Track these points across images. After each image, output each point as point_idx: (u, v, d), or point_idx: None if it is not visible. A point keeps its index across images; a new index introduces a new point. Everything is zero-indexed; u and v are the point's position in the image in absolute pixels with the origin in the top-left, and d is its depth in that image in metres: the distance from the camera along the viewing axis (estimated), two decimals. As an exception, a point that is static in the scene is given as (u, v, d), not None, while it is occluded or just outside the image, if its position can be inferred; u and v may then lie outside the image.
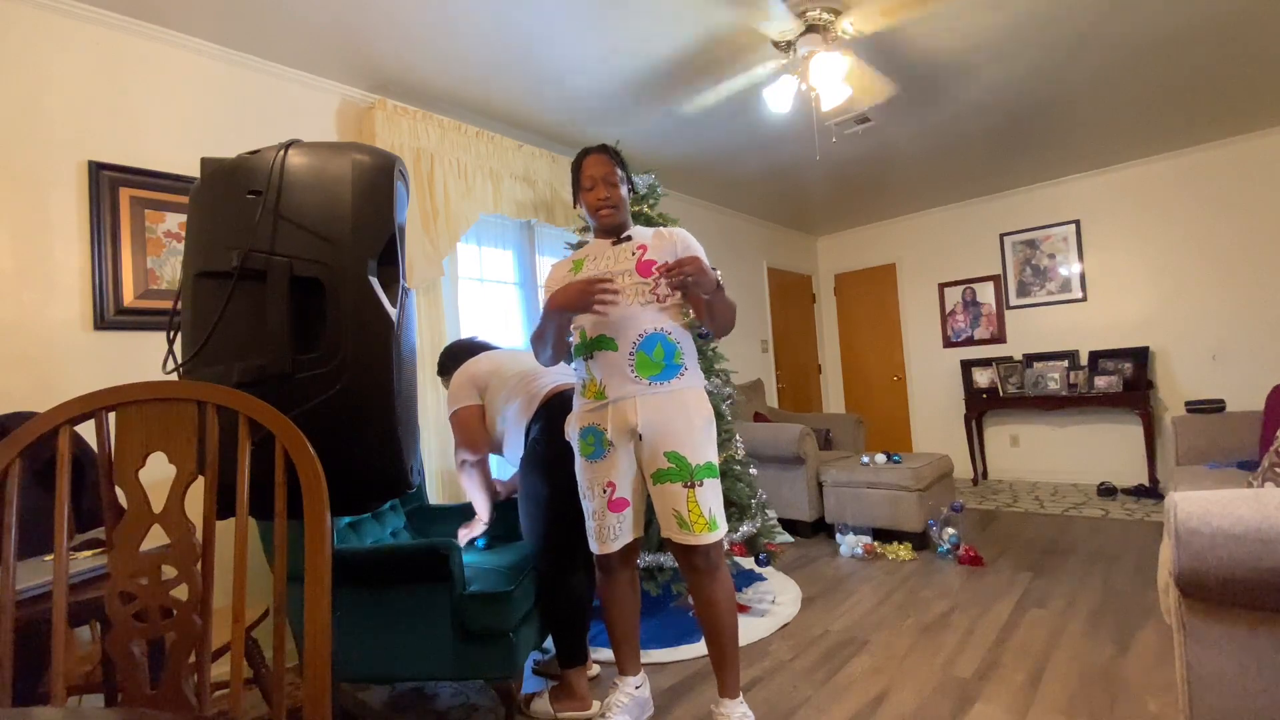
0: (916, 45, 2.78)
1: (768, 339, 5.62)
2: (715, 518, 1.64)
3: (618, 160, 1.77)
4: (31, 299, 2.00)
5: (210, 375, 0.99)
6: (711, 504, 1.64)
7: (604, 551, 1.74)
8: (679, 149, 3.84)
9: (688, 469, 1.62)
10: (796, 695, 1.94)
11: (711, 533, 1.62)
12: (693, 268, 1.52)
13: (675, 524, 1.63)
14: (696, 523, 1.61)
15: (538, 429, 1.97)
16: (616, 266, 1.72)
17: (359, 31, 2.40)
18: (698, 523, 1.61)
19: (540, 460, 1.94)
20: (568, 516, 1.87)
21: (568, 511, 1.86)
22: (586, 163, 1.77)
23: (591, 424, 1.72)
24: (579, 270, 1.78)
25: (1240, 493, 1.10)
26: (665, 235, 1.75)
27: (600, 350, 1.68)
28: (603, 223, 1.77)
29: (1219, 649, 1.10)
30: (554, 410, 1.95)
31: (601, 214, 1.75)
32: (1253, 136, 4.26)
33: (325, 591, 0.77)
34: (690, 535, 1.61)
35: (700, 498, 1.62)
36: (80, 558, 1.32)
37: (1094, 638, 2.20)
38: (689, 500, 1.61)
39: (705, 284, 1.55)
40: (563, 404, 1.94)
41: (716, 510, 1.65)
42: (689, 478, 1.62)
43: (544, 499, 1.92)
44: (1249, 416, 3.10)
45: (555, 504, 1.90)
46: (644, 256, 1.71)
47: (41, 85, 2.05)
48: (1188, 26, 2.79)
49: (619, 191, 1.75)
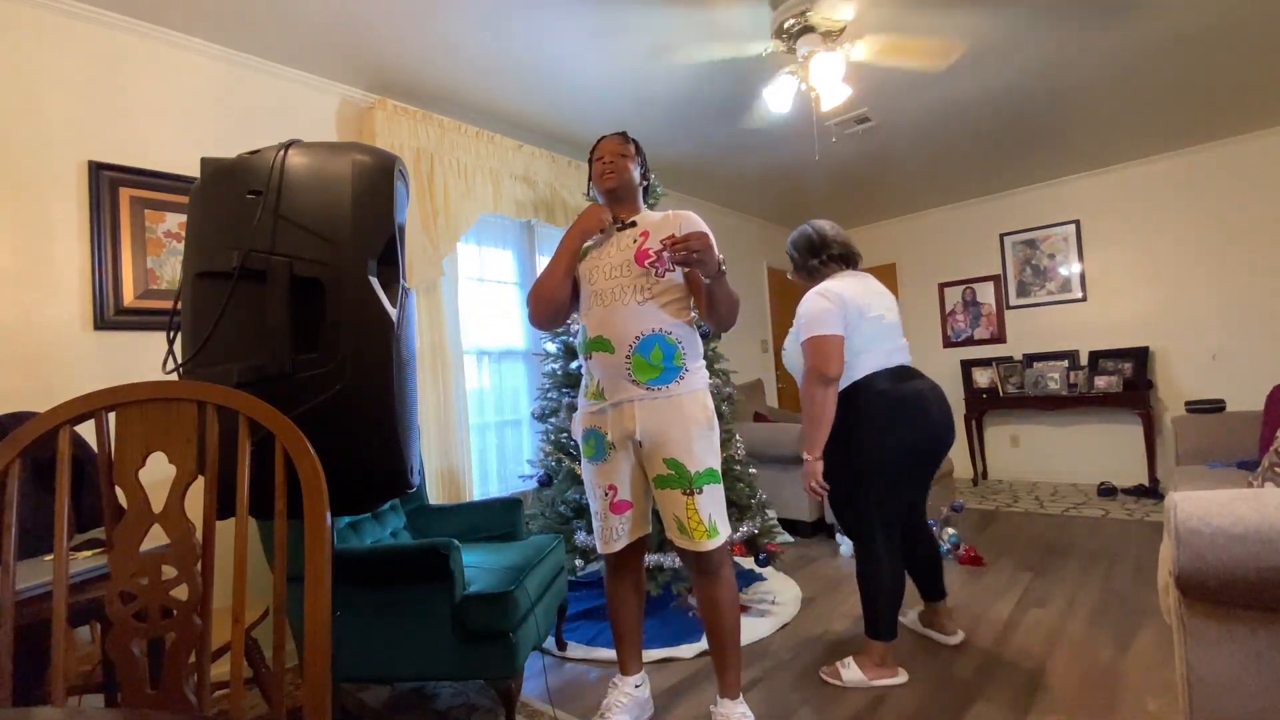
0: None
1: (768, 339, 5.62)
2: (715, 524, 1.62)
3: (634, 143, 1.79)
4: (31, 299, 2.00)
5: (210, 375, 0.99)
6: (712, 510, 1.62)
7: (607, 551, 1.75)
8: (679, 149, 3.84)
9: (687, 477, 1.61)
10: (796, 695, 1.94)
11: (711, 539, 1.61)
12: (699, 243, 1.46)
13: (677, 529, 1.63)
14: (696, 530, 1.61)
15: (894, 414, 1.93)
16: (617, 257, 1.70)
17: (359, 31, 2.40)
18: (697, 530, 1.61)
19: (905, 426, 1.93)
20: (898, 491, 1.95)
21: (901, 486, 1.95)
22: (601, 144, 1.78)
23: (593, 426, 1.72)
24: (583, 259, 1.77)
25: (1240, 493, 1.10)
26: (670, 218, 1.71)
27: (598, 352, 1.66)
28: (604, 184, 1.75)
29: (1219, 649, 1.10)
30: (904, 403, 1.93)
31: (605, 177, 1.74)
32: (1252, 136, 4.26)
33: (325, 591, 0.77)
34: (690, 541, 1.62)
35: (700, 505, 1.61)
36: (80, 558, 1.32)
37: (1094, 638, 2.20)
38: (688, 508, 1.61)
39: (709, 263, 1.49)
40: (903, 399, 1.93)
41: (717, 516, 1.63)
42: (688, 485, 1.61)
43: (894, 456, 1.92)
44: (1249, 416, 3.10)
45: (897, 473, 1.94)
46: (643, 245, 1.67)
47: (41, 85, 2.05)
48: (1188, 27, 2.78)
49: (625, 162, 1.75)
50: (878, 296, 2.04)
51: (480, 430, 3.27)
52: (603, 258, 1.72)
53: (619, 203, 1.78)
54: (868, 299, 2.00)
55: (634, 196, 1.79)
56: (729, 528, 1.67)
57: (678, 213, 1.72)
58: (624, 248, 1.69)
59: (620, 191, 1.76)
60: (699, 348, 1.72)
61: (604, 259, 1.71)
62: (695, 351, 1.70)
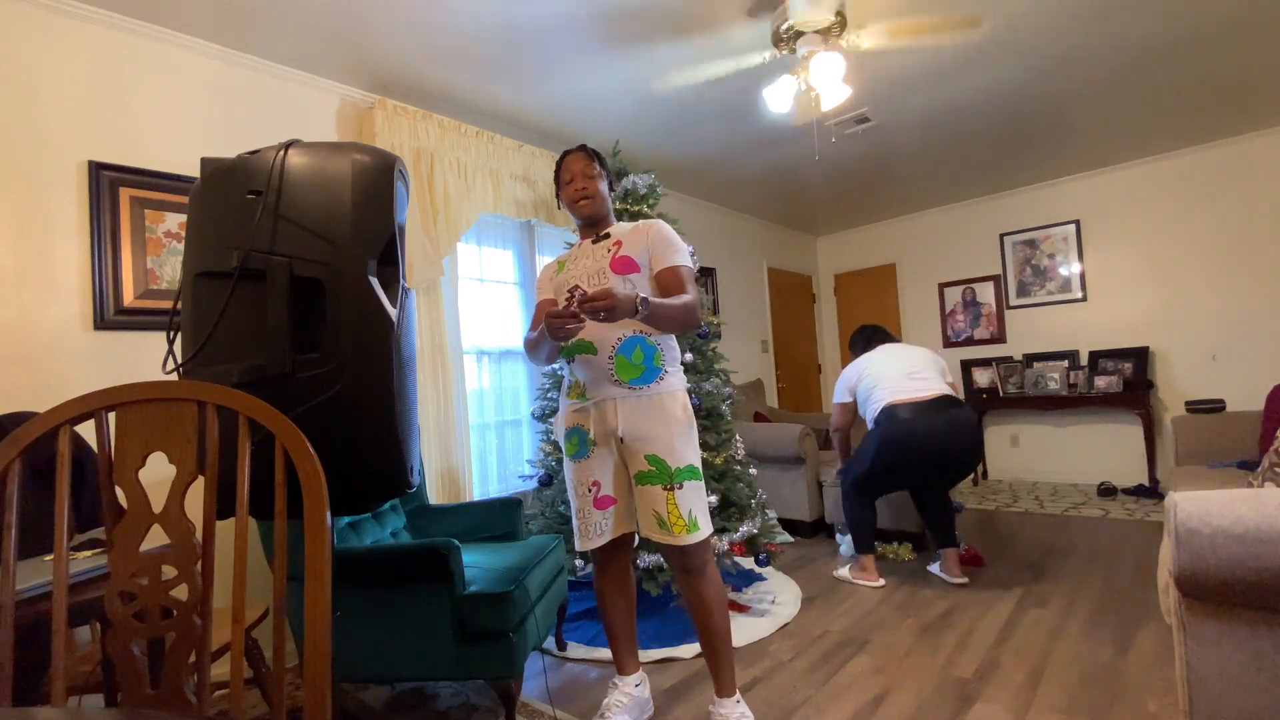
0: (916, 45, 2.78)
1: (768, 339, 5.62)
2: (696, 519, 1.63)
3: (596, 157, 1.81)
4: (31, 299, 2.00)
5: (210, 375, 0.99)
6: (692, 505, 1.64)
7: (586, 547, 1.76)
8: (679, 149, 3.84)
9: (668, 472, 1.63)
10: (796, 695, 1.94)
11: (691, 534, 1.62)
12: (603, 304, 1.42)
13: (655, 525, 1.64)
14: (676, 524, 1.61)
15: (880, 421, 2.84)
16: (593, 265, 1.75)
17: (359, 31, 2.40)
18: (677, 524, 1.61)
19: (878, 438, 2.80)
20: (877, 476, 2.85)
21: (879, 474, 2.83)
22: (566, 162, 1.82)
23: (576, 425, 1.75)
24: (561, 271, 1.83)
25: (1240, 493, 1.10)
26: (640, 229, 1.77)
27: (581, 353, 1.70)
28: (580, 213, 1.80)
29: (1219, 649, 1.10)
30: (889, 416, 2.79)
31: (579, 205, 1.78)
32: (1252, 136, 4.26)
33: (325, 591, 0.77)
34: (670, 536, 1.62)
35: (680, 499, 1.62)
36: (80, 558, 1.32)
37: (1094, 638, 2.20)
38: (669, 502, 1.62)
39: (618, 314, 1.45)
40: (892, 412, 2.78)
41: (698, 511, 1.65)
42: (669, 480, 1.63)
43: (870, 455, 2.82)
44: (1249, 416, 3.10)
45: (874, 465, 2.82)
46: (618, 253, 1.73)
47: (41, 85, 2.05)
48: (1188, 27, 2.79)
49: (595, 184, 1.78)
50: (902, 355, 2.97)
51: (480, 430, 3.27)
52: (579, 267, 1.78)
53: (594, 224, 1.83)
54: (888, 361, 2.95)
55: (607, 211, 1.84)
56: (710, 526, 1.68)
57: (647, 223, 1.78)
58: (599, 258, 1.75)
59: (595, 215, 1.81)
60: (676, 353, 1.78)
61: (580, 268, 1.78)
62: (673, 356, 1.76)
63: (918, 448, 2.71)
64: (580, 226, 1.86)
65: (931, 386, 2.82)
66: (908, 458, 2.74)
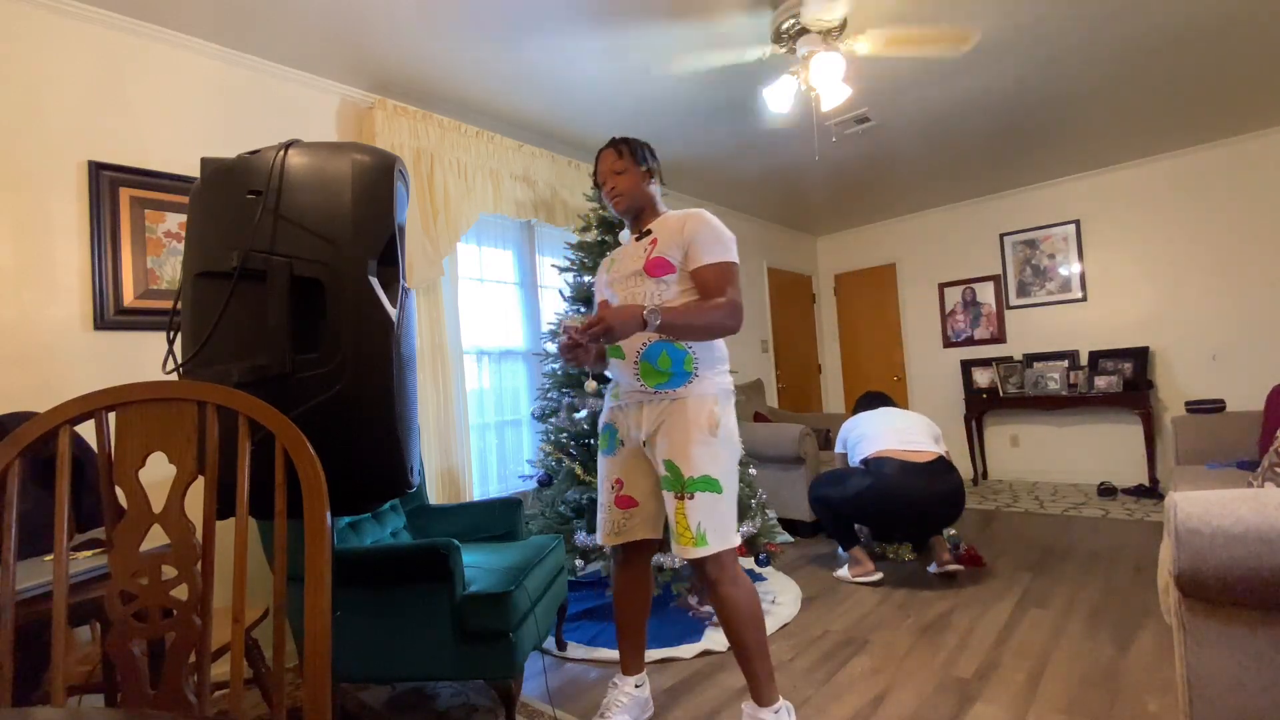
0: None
1: (768, 339, 5.62)
2: (704, 533, 1.54)
3: (625, 148, 1.76)
4: (31, 299, 2.00)
5: (210, 375, 0.99)
6: (702, 518, 1.55)
7: (605, 543, 1.76)
8: (679, 149, 3.84)
9: (680, 480, 1.57)
10: (797, 695, 1.94)
11: (697, 548, 1.54)
12: (597, 330, 1.40)
13: (672, 531, 1.62)
14: (683, 535, 1.56)
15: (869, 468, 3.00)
16: (629, 266, 1.71)
17: (359, 31, 2.40)
18: (684, 535, 1.55)
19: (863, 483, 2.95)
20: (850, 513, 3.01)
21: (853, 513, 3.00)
22: (598, 162, 1.80)
23: (610, 421, 1.77)
24: (611, 268, 1.79)
25: (1240, 493, 1.10)
26: (677, 223, 1.68)
27: (613, 357, 1.70)
28: (616, 210, 1.79)
29: (1219, 649, 1.10)
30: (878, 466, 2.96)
31: (614, 204, 1.78)
32: (1252, 136, 4.26)
33: (325, 591, 0.77)
34: (677, 546, 1.58)
35: (689, 511, 1.55)
36: (80, 558, 1.32)
37: (1094, 638, 2.20)
38: (678, 512, 1.57)
39: (619, 332, 1.42)
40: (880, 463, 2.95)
41: (708, 526, 1.55)
42: (680, 489, 1.57)
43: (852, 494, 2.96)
44: (1249, 416, 3.10)
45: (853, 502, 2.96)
46: (653, 253, 1.67)
47: (41, 85, 2.05)
48: (1188, 27, 2.79)
49: (623, 180, 1.74)
50: (899, 417, 3.19)
51: (480, 430, 3.27)
52: (618, 269, 1.76)
53: (635, 218, 1.79)
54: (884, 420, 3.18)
55: (646, 202, 1.78)
56: (727, 541, 1.58)
57: (685, 214, 1.70)
58: (636, 258, 1.71)
59: (631, 209, 1.78)
60: (716, 354, 1.69)
61: (618, 269, 1.75)
62: (710, 359, 1.66)
63: (896, 509, 2.88)
64: (628, 222, 1.82)
65: (924, 447, 2.98)
66: (886, 508, 2.89)
